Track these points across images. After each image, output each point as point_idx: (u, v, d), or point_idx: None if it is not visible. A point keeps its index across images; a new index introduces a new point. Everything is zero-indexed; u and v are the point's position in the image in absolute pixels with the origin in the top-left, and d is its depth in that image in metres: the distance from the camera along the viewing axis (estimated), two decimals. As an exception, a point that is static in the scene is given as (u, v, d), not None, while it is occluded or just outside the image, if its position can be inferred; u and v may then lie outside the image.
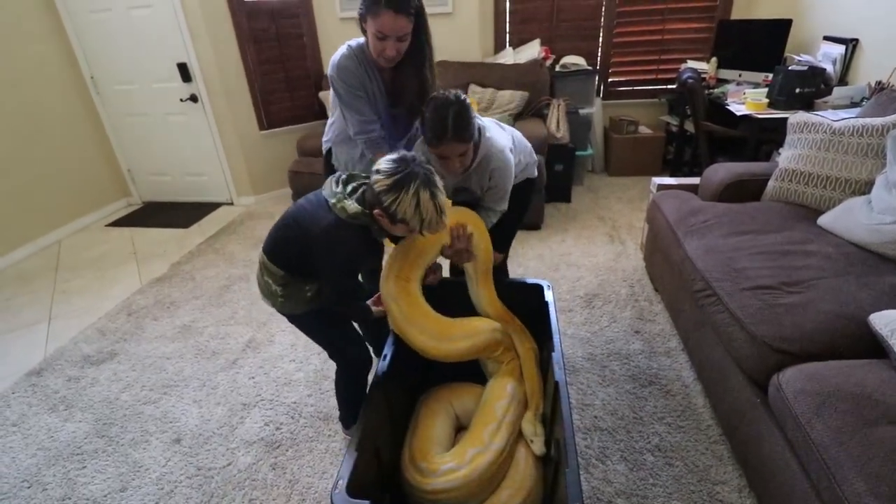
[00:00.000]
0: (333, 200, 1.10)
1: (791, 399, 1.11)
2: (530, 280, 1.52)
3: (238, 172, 3.49)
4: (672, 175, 3.39)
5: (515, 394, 1.27)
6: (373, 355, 1.53)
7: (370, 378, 1.32)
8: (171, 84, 3.21)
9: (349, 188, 1.15)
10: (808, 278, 1.41)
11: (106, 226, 3.40)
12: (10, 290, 2.62)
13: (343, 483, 0.91)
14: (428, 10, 1.36)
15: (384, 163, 1.07)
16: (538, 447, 1.18)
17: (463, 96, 1.23)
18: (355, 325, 1.55)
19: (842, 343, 1.22)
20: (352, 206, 1.10)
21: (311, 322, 1.34)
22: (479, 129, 1.33)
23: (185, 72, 3.13)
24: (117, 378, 1.90)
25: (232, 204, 3.62)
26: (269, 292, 1.24)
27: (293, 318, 1.32)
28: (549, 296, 1.46)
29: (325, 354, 1.54)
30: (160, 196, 3.74)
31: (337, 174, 1.20)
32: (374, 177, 1.07)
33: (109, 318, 2.30)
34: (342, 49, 1.40)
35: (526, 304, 1.45)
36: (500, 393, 1.27)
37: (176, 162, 3.55)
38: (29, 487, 1.45)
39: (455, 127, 1.19)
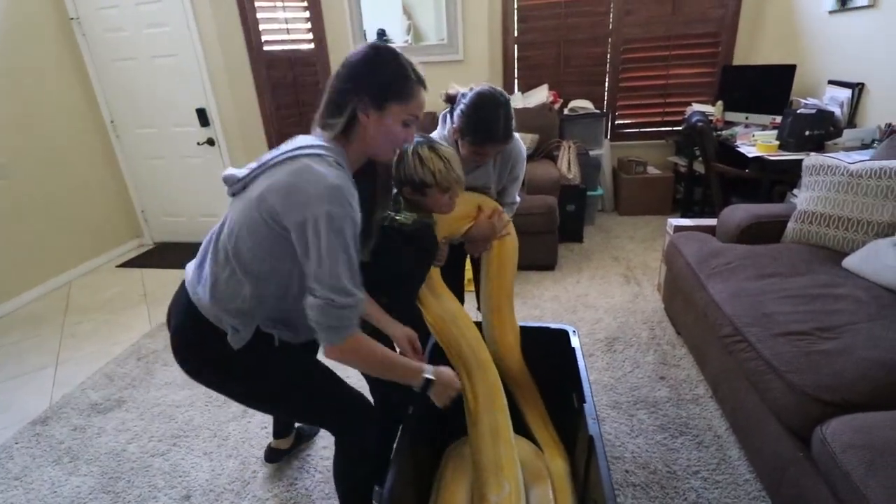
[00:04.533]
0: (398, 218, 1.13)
1: (839, 454, 1.05)
2: (553, 325, 1.48)
3: (250, 214, 3.52)
4: (683, 215, 3.40)
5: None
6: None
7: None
8: (190, 128, 3.29)
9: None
10: (841, 323, 1.37)
11: (116, 267, 3.40)
12: (18, 334, 2.59)
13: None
14: (440, 58, 1.41)
15: None
16: None
17: (507, 96, 1.23)
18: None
19: (885, 392, 1.17)
20: (402, 215, 1.14)
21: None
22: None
23: (203, 116, 3.22)
24: (125, 428, 1.84)
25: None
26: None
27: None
28: (575, 342, 1.43)
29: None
30: (173, 237, 3.76)
31: None
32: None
33: (118, 362, 2.26)
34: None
35: (547, 350, 1.41)
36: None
37: (191, 203, 3.59)
38: (31, 550, 1.37)
39: (505, 128, 1.20)
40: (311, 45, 3.43)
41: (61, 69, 3.12)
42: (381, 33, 3.45)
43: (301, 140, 0.98)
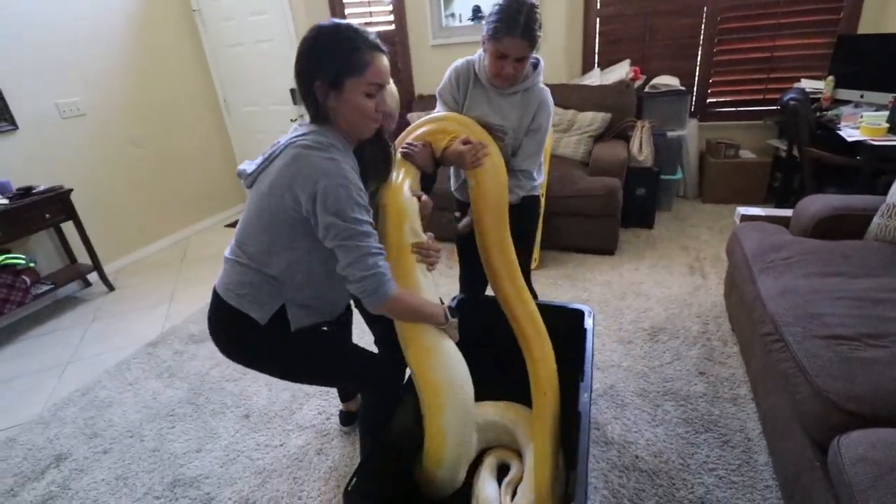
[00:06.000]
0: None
1: (848, 466, 0.97)
2: (571, 305, 1.50)
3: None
4: (778, 205, 3.06)
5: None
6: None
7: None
8: (284, 106, 3.68)
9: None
10: (899, 332, 1.22)
11: (225, 226, 3.96)
12: (144, 276, 3.17)
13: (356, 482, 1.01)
14: None
15: None
16: None
17: (535, 2, 1.23)
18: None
19: (927, 411, 1.04)
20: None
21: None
22: (538, 61, 1.37)
23: (294, 96, 3.57)
24: (211, 356, 2.22)
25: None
26: None
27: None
28: (588, 322, 1.44)
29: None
30: None
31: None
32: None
33: (213, 305, 2.69)
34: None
35: (561, 328, 1.44)
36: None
37: None
38: (131, 437, 1.76)
39: (526, 22, 1.18)
40: (392, 27, 3.59)
41: (185, 55, 3.64)
42: (476, 10, 3.50)
43: (295, 130, 1.05)
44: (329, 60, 0.96)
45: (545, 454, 1.23)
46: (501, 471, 1.36)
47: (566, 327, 1.45)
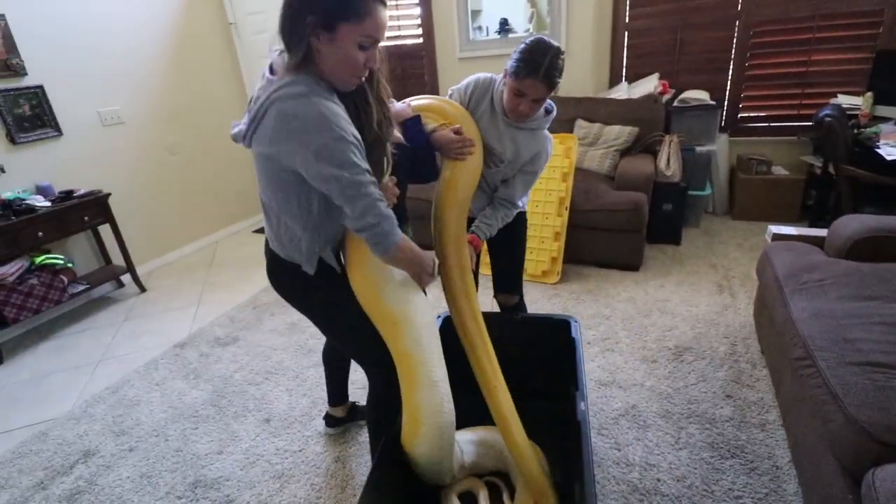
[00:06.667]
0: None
1: (883, 501, 0.93)
2: (556, 316, 1.51)
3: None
4: (811, 224, 2.96)
5: None
6: None
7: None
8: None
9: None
10: (943, 362, 1.16)
11: (252, 232, 4.06)
12: (175, 278, 3.28)
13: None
14: None
15: None
16: None
17: (561, 49, 1.27)
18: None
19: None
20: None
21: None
22: (552, 107, 1.41)
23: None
24: (235, 360, 2.27)
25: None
26: None
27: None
28: (575, 332, 1.43)
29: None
30: None
31: None
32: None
33: (239, 309, 2.75)
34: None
35: (552, 342, 1.45)
36: None
37: None
38: (156, 436, 1.81)
39: (549, 67, 1.22)
40: (420, 40, 3.65)
41: (220, 66, 3.78)
42: (504, 23, 3.54)
43: (271, 83, 0.96)
44: (330, 6, 0.89)
45: (516, 443, 1.26)
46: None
47: (555, 340, 1.47)
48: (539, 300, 2.52)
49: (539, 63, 1.22)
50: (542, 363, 1.51)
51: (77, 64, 2.87)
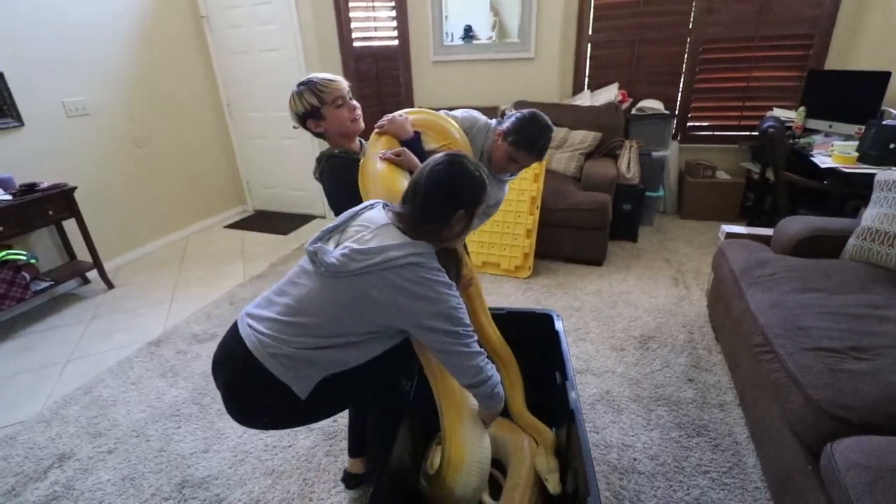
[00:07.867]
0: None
1: (843, 471, 1.07)
2: (539, 309, 1.58)
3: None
4: (749, 223, 3.27)
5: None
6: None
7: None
8: (287, 113, 3.65)
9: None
10: (879, 346, 1.35)
11: (224, 227, 3.90)
12: (146, 274, 3.11)
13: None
14: (512, 55, 1.50)
15: None
16: (553, 486, 1.24)
17: (552, 127, 1.42)
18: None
19: (906, 418, 1.16)
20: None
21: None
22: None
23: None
24: (207, 358, 2.19)
25: (325, 217, 4.03)
26: None
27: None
28: (559, 325, 1.52)
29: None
30: (269, 206, 4.25)
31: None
32: None
33: (215, 305, 2.65)
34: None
35: (534, 334, 1.53)
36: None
37: (285, 178, 4.04)
38: (136, 437, 1.73)
39: (542, 148, 1.39)
40: (396, 42, 3.67)
41: (190, 59, 3.61)
42: (468, 29, 3.61)
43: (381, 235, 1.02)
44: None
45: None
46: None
47: (538, 332, 1.55)
48: (513, 294, 2.62)
49: (535, 142, 1.37)
50: (527, 355, 1.56)
51: (41, 51, 2.66)
